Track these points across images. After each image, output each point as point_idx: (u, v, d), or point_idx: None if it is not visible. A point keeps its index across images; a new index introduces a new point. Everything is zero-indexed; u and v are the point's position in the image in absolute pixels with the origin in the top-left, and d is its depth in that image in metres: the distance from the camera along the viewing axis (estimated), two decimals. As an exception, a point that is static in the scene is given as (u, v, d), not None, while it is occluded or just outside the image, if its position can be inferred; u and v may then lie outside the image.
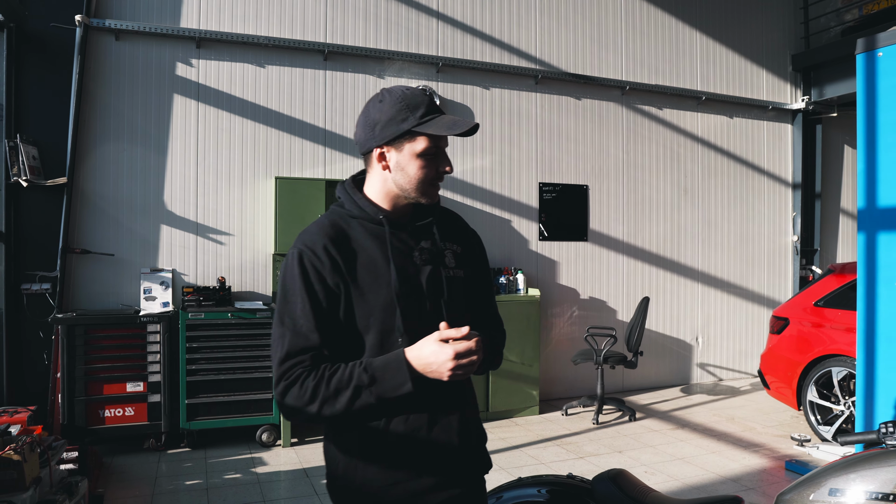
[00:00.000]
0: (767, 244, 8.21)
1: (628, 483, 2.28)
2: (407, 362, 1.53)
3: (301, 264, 1.58)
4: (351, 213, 1.68)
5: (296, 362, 1.55)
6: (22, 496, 3.28)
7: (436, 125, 1.58)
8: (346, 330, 1.60)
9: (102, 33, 5.39)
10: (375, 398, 1.53)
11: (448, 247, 1.75)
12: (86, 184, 5.36)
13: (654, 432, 5.81)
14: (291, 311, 1.58)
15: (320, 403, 1.52)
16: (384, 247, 1.65)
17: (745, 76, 8.01)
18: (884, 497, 1.89)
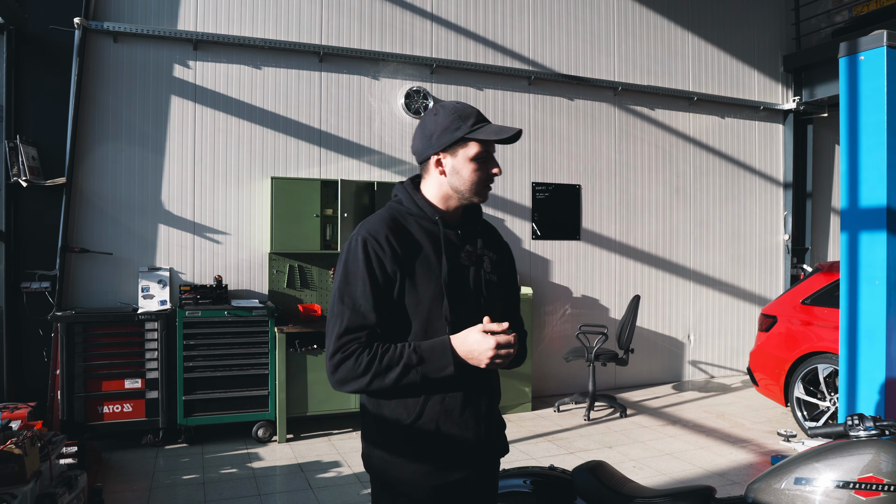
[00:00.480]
0: (759, 243, 8.30)
1: (606, 474, 2.38)
2: (452, 348, 1.70)
3: (365, 250, 1.74)
4: (410, 210, 1.85)
5: (353, 338, 1.71)
6: (23, 489, 3.36)
7: (485, 132, 1.76)
8: (397, 313, 1.77)
9: (101, 35, 5.47)
10: (421, 377, 1.71)
11: (486, 253, 1.91)
12: (85, 184, 5.44)
13: (645, 428, 5.91)
14: (352, 291, 1.73)
15: (372, 377, 1.70)
16: (437, 244, 1.82)
17: (736, 77, 8.10)
18: (845, 485, 1.98)
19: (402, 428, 1.78)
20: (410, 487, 1.78)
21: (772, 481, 2.14)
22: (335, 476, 4.68)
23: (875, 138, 4.22)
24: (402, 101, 6.37)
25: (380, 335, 1.74)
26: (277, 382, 5.37)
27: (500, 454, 1.96)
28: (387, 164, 6.37)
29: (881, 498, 1.93)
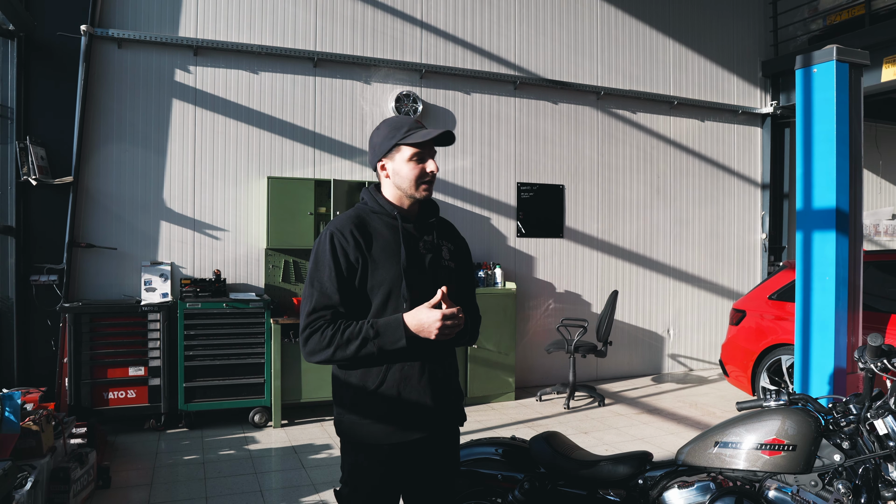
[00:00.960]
0: (737, 241, 8.64)
1: (559, 442, 2.71)
2: (404, 323, 2.01)
3: (332, 242, 2.07)
4: (373, 209, 2.18)
5: (319, 316, 2.03)
6: (41, 462, 3.70)
7: (413, 136, 2.09)
8: (359, 294, 2.08)
9: (106, 42, 5.78)
10: (377, 349, 2.01)
11: (444, 244, 2.25)
12: (90, 182, 5.76)
13: (621, 416, 6.24)
14: (320, 276, 2.06)
15: (335, 348, 2.00)
16: (397, 234, 2.14)
17: (716, 82, 8.43)
18: (755, 446, 2.31)
19: (367, 393, 2.08)
20: (374, 446, 2.09)
21: (697, 445, 2.47)
22: (326, 457, 5.01)
23: (826, 146, 4.56)
24: (392, 105, 6.70)
25: (343, 314, 2.04)
26: (273, 371, 5.69)
27: (457, 421, 2.27)
28: (378, 164, 6.68)
29: (781, 456, 2.26)
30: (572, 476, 2.55)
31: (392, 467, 2.11)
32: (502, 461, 2.73)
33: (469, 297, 2.36)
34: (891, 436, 2.21)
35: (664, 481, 2.46)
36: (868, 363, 2.27)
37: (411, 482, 2.19)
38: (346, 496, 2.16)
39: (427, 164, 2.12)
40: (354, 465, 2.14)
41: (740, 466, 2.33)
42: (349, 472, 2.15)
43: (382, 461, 2.10)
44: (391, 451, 2.10)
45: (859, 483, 2.21)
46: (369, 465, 2.11)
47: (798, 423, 2.29)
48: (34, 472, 3.53)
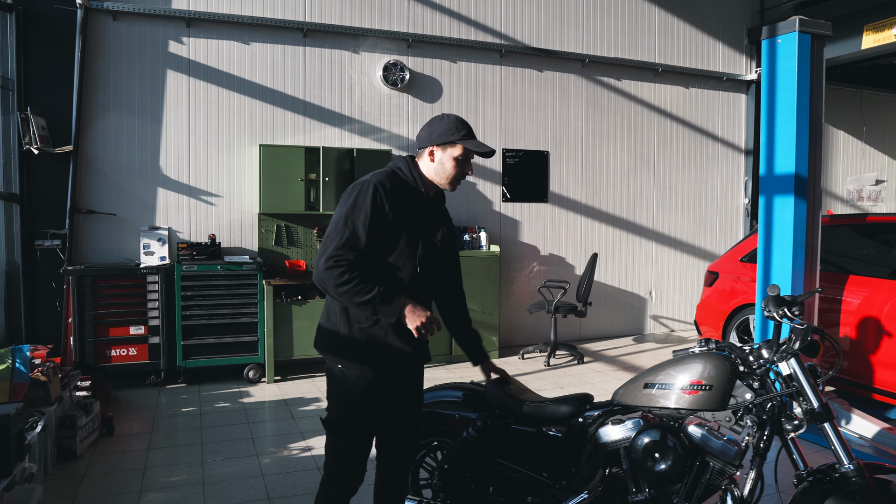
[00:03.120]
0: (720, 206, 8.87)
1: (511, 386, 3.01)
2: (403, 308, 2.37)
3: (374, 192, 2.37)
4: (406, 178, 2.52)
5: (343, 255, 2.32)
6: (49, 409, 4.04)
7: (470, 143, 2.47)
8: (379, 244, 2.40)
9: (101, 14, 5.98)
10: (373, 311, 2.39)
11: (441, 228, 2.66)
12: (90, 151, 6.02)
13: (598, 373, 6.57)
14: (355, 219, 2.35)
15: (344, 292, 2.32)
16: (419, 207, 2.51)
17: (701, 49, 8.57)
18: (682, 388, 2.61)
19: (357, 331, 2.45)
20: (357, 379, 2.47)
21: (630, 387, 2.77)
22: (314, 409, 5.36)
23: (787, 113, 4.77)
24: (380, 74, 6.89)
25: (361, 259, 2.34)
26: (266, 329, 6.01)
27: (424, 361, 2.69)
28: (366, 132, 6.92)
29: (700, 395, 2.56)
30: (520, 415, 2.85)
31: (373, 397, 2.49)
32: (461, 403, 3.04)
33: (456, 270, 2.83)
34: (793, 376, 2.50)
35: (601, 419, 2.76)
36: (772, 311, 2.55)
37: (386, 414, 2.59)
38: (333, 423, 2.54)
39: (466, 168, 2.52)
40: (346, 390, 2.50)
41: (665, 405, 2.63)
42: (336, 401, 2.53)
43: (367, 395, 2.48)
44: (373, 383, 2.48)
45: (766, 418, 2.51)
46: (356, 399, 2.49)
47: (716, 367, 2.58)
48: (43, 418, 3.87)
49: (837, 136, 9.98)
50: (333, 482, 2.56)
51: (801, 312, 2.52)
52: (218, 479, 3.99)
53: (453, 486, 2.92)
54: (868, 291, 5.20)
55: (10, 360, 3.81)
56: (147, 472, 4.10)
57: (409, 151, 7.12)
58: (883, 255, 5.62)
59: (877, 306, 5.07)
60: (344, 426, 2.52)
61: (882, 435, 4.48)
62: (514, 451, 2.87)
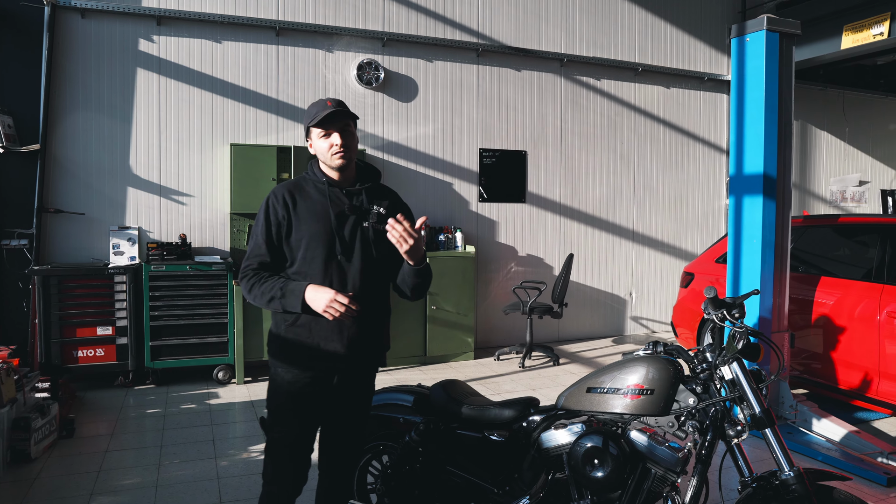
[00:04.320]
0: (701, 206, 8.83)
1: (455, 389, 2.96)
2: (303, 294, 2.35)
3: (267, 204, 2.51)
4: (310, 177, 2.56)
5: (248, 265, 2.50)
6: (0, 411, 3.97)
7: (315, 119, 2.44)
8: (287, 246, 2.48)
9: (69, 12, 5.91)
10: (281, 307, 2.40)
11: (375, 208, 2.57)
12: (58, 150, 5.94)
13: (573, 375, 6.52)
14: (256, 232, 2.52)
15: (254, 296, 2.45)
16: (325, 198, 2.49)
17: (682, 48, 8.52)
18: (617, 391, 2.55)
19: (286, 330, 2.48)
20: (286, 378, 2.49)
21: (574, 391, 2.72)
22: (282, 411, 5.29)
23: (756, 113, 4.73)
24: (354, 73, 6.84)
25: (269, 264, 2.47)
26: (235, 330, 5.95)
27: (371, 367, 2.67)
28: (340, 131, 6.85)
29: (641, 400, 2.50)
30: (463, 419, 2.80)
31: (306, 400, 2.49)
32: (407, 406, 2.98)
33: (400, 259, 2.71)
34: (735, 381, 2.45)
35: (544, 423, 2.71)
36: (711, 314, 2.49)
37: (327, 418, 2.59)
38: (268, 423, 2.56)
39: (332, 137, 2.46)
40: (278, 386, 2.52)
41: (608, 409, 2.58)
42: (272, 394, 2.55)
43: (298, 394, 2.49)
44: (306, 385, 2.48)
45: (708, 423, 2.46)
46: (286, 397, 2.50)
47: (659, 371, 2.53)
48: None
49: (820, 137, 9.95)
50: (272, 483, 2.56)
51: (742, 315, 2.47)
52: (172, 483, 3.92)
53: (398, 490, 2.87)
54: (840, 293, 5.16)
55: (-41, 362, 3.75)
56: (101, 476, 4.03)
57: (384, 151, 7.06)
58: (856, 257, 5.59)
59: (848, 308, 5.03)
60: (277, 426, 2.53)
61: (849, 438, 4.44)
62: (457, 455, 2.82)
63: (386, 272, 2.62)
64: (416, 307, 6.68)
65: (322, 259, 2.44)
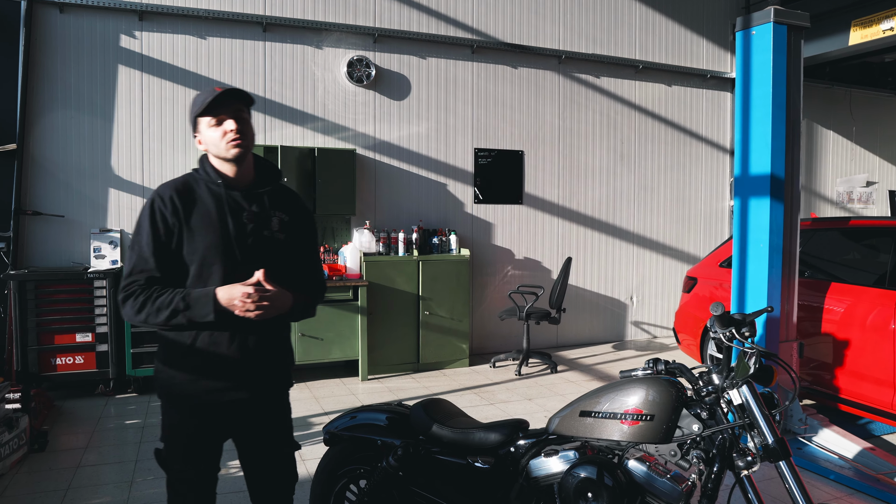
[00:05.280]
0: (704, 208, 8.59)
1: (438, 409, 2.72)
2: (214, 298, 2.04)
3: (151, 206, 2.13)
4: (201, 177, 2.21)
5: (133, 280, 2.09)
6: (-40, 427, 3.74)
7: (203, 106, 2.11)
8: (177, 260, 2.12)
9: (47, 6, 5.68)
10: (187, 320, 2.05)
11: (277, 214, 2.25)
12: (36, 149, 5.72)
13: (570, 383, 6.28)
14: (139, 240, 2.12)
15: (146, 315, 2.06)
16: (220, 203, 2.16)
17: (684, 45, 8.28)
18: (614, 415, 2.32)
19: (180, 350, 2.15)
20: (185, 402, 2.18)
21: (565, 414, 2.48)
22: (266, 422, 5.06)
23: (762, 110, 4.49)
24: (345, 70, 6.60)
25: (159, 279, 2.09)
26: (220, 337, 5.71)
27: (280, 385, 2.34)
28: (330, 130, 6.63)
29: (640, 426, 2.26)
30: (445, 443, 2.57)
31: (204, 424, 2.19)
32: (385, 427, 2.75)
33: (306, 267, 2.36)
34: (745, 406, 2.21)
35: (533, 449, 2.48)
36: (718, 333, 2.26)
37: (240, 443, 2.30)
38: (162, 453, 2.26)
39: (225, 124, 2.13)
40: (168, 422, 2.22)
41: (603, 436, 2.34)
42: (164, 428, 2.24)
43: (193, 417, 2.18)
44: (201, 408, 2.17)
45: (715, 453, 2.22)
46: (181, 420, 2.19)
47: (659, 393, 2.29)
48: (-49, 437, 3.58)
49: (826, 137, 9.69)
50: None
51: (752, 334, 2.23)
52: (143, 501, 3.69)
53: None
54: (851, 300, 4.91)
55: (-85, 376, 3.52)
56: (69, 494, 3.81)
57: (375, 150, 6.83)
58: (867, 262, 5.34)
59: (860, 316, 4.78)
60: (171, 459, 2.24)
61: (864, 456, 4.20)
62: (438, 483, 2.58)
63: (289, 284, 2.22)
64: (409, 312, 6.46)
65: (220, 274, 2.11)
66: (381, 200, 6.85)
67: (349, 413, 2.89)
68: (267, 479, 2.34)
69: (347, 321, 6.19)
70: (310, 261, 2.38)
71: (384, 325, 6.39)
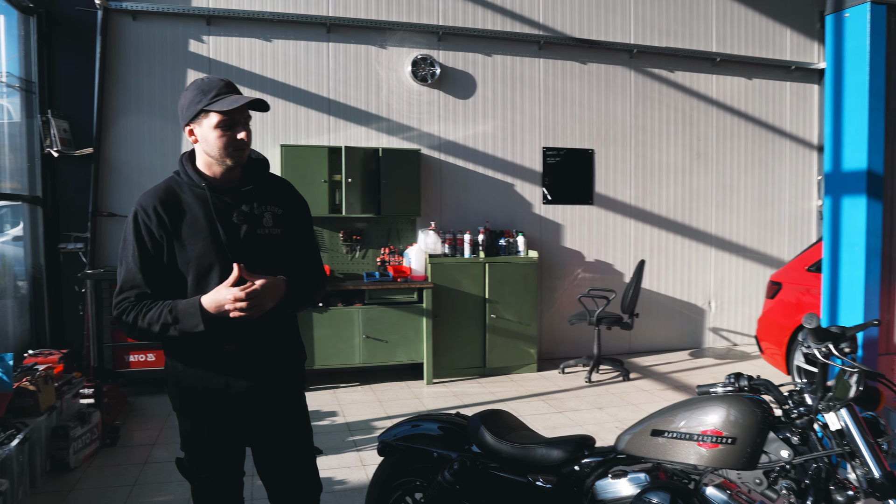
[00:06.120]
0: (789, 208, 8.06)
1: (497, 421, 2.55)
2: (201, 307, 1.94)
3: (135, 220, 2.03)
4: (183, 180, 2.08)
5: (124, 297, 2.02)
6: (36, 420, 3.85)
7: (220, 103, 1.96)
8: (169, 272, 2.03)
9: (121, 14, 5.85)
10: (179, 332, 1.96)
11: (268, 209, 2.13)
12: (111, 153, 5.90)
13: (644, 392, 5.98)
14: (126, 256, 2.04)
15: (139, 333, 2.01)
16: (207, 208, 2.05)
17: (766, 35, 7.79)
18: (689, 436, 2.09)
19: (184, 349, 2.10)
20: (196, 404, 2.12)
21: (636, 432, 2.27)
22: (328, 424, 5.02)
23: (858, 100, 4.10)
24: (409, 69, 6.52)
25: (150, 294, 2.01)
26: (285, 338, 5.73)
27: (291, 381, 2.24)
28: (394, 130, 6.56)
29: (720, 449, 2.03)
30: (504, 458, 2.40)
31: (216, 426, 2.12)
32: (441, 438, 2.61)
33: (305, 260, 2.24)
34: (844, 432, 1.94)
35: (600, 469, 2.28)
36: (812, 348, 1.99)
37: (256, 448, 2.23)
38: (183, 461, 2.21)
39: (236, 132, 2.00)
40: (184, 430, 2.18)
41: (678, 458, 2.13)
42: (182, 436, 2.19)
43: (204, 418, 2.11)
44: (209, 406, 2.10)
45: (808, 483, 1.96)
46: (193, 426, 2.14)
47: (742, 414, 2.06)
48: (25, 430, 3.66)
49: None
50: None
51: (853, 350, 1.96)
52: None
53: (431, 535, 2.50)
54: (959, 308, 4.43)
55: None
56: (135, 490, 3.85)
57: (440, 150, 6.71)
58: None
59: (970, 326, 4.31)
60: (192, 467, 2.19)
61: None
62: (497, 501, 2.42)
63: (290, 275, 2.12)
64: (475, 315, 6.31)
65: (217, 281, 2.01)
66: (447, 201, 6.73)
67: (405, 422, 2.76)
68: (287, 488, 2.25)
69: (412, 323, 6.09)
70: (308, 250, 2.27)
71: (450, 328, 6.26)
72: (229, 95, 1.99)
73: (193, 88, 2.02)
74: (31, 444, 3.75)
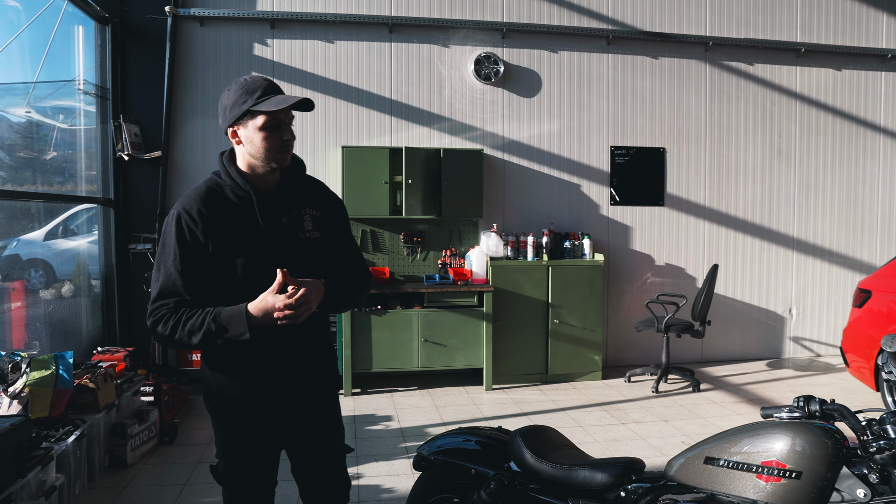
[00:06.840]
0: (882, 210, 7.45)
1: (540, 438, 2.39)
2: (247, 315, 1.86)
3: (178, 224, 1.95)
4: (225, 182, 2.02)
5: (162, 304, 1.94)
6: (95, 416, 3.95)
7: (267, 103, 1.89)
8: (210, 278, 1.96)
9: (189, 21, 5.99)
10: (223, 341, 1.89)
11: (308, 212, 2.08)
12: (178, 156, 6.05)
13: (714, 404, 5.64)
14: (165, 261, 1.96)
15: (177, 341, 1.92)
16: (252, 210, 1.99)
17: (857, 22, 7.22)
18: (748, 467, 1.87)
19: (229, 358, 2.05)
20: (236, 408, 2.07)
21: (688, 458, 2.06)
22: (382, 429, 4.97)
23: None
24: (472, 68, 6.40)
25: (189, 301, 1.94)
26: (344, 340, 5.73)
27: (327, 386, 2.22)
28: (457, 130, 6.45)
29: (782, 484, 1.81)
30: (544, 479, 2.24)
31: (258, 435, 2.08)
32: (480, 454, 2.48)
33: (346, 261, 2.18)
34: (933, 467, 1.69)
35: (647, 497, 2.09)
36: (893, 374, 1.73)
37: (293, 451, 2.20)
38: (220, 469, 2.15)
39: (282, 133, 1.93)
40: (221, 437, 2.13)
41: (732, 491, 1.91)
42: (218, 444, 2.15)
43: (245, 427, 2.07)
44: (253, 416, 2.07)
45: (889, 525, 1.72)
46: (233, 434, 2.08)
47: (809, 445, 1.82)
48: (83, 426, 3.76)
49: None
50: None
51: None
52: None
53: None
54: None
55: (54, 367, 3.74)
56: (185, 489, 3.90)
57: (503, 150, 6.55)
58: None
59: None
60: (228, 475, 2.14)
61: None
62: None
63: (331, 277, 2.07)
64: (537, 320, 6.12)
65: (262, 287, 1.91)
66: (510, 202, 6.57)
67: (444, 435, 2.64)
68: (319, 485, 2.23)
69: (472, 328, 5.97)
70: (348, 250, 2.21)
71: (510, 332, 6.10)
72: (274, 95, 1.93)
73: (237, 88, 1.96)
74: (88, 441, 3.85)
